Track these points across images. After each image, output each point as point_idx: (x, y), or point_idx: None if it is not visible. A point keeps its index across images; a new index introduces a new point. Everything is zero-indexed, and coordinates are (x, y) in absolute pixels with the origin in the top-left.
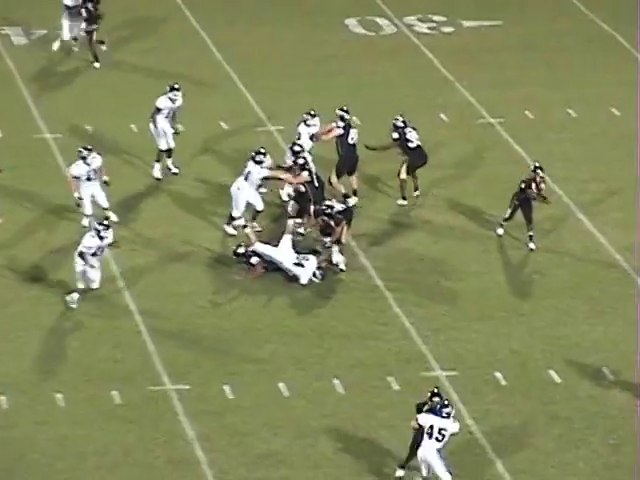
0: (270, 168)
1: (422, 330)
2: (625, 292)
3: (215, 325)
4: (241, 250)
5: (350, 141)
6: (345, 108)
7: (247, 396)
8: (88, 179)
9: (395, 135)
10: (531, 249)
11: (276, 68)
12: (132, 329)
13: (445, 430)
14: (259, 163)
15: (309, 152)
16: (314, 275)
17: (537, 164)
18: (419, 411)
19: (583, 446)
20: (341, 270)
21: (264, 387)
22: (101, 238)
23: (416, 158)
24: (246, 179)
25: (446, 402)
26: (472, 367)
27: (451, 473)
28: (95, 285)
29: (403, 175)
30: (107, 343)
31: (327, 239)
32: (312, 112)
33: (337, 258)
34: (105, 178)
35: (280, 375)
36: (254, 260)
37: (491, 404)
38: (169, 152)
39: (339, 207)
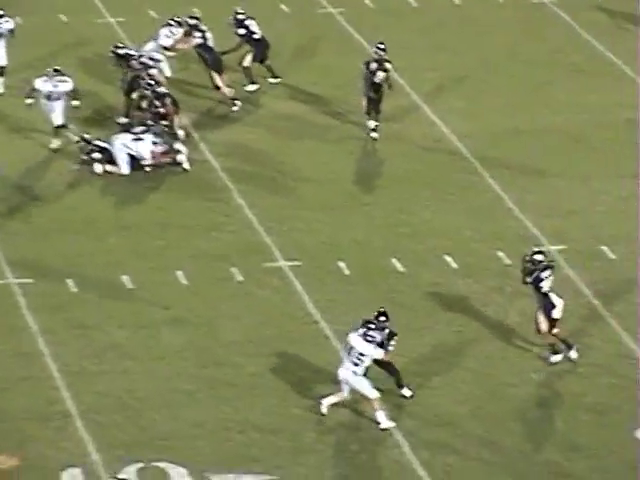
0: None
1: (265, 221)
2: (466, 179)
3: (57, 218)
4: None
5: (210, 44)
6: (197, 16)
7: (90, 289)
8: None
9: (241, 31)
10: (374, 138)
11: None
12: None
13: (364, 355)
14: None
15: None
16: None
17: (381, 45)
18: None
19: (427, 334)
20: (184, 169)
21: (107, 280)
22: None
23: (261, 48)
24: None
25: (380, 326)
26: (315, 257)
27: (381, 390)
28: None
29: (246, 63)
30: None
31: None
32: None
33: (181, 157)
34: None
35: (123, 267)
36: (96, 155)
37: (335, 294)
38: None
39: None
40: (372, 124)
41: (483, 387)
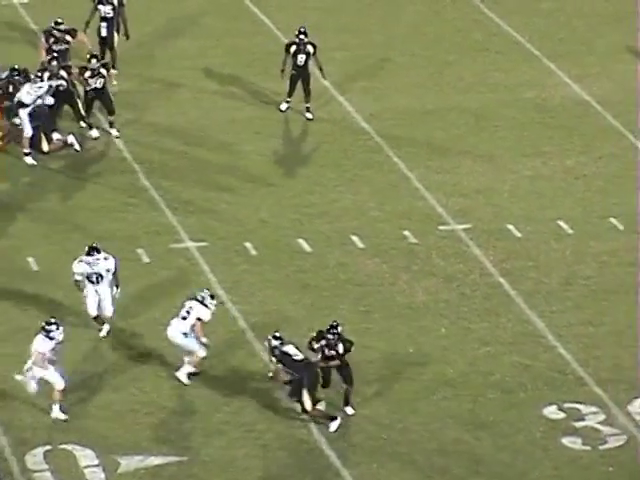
0: None
1: (171, 202)
2: (372, 159)
3: None
4: None
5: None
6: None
7: None
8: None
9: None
10: (309, 119)
11: None
12: None
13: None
14: None
15: None
16: None
17: (302, 29)
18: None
19: (333, 314)
20: (76, 150)
21: (13, 262)
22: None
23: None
24: None
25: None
26: (222, 238)
27: (207, 345)
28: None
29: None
30: None
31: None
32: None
33: (71, 138)
34: None
35: (29, 250)
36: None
37: (241, 274)
38: None
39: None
40: (285, 107)
41: (390, 367)
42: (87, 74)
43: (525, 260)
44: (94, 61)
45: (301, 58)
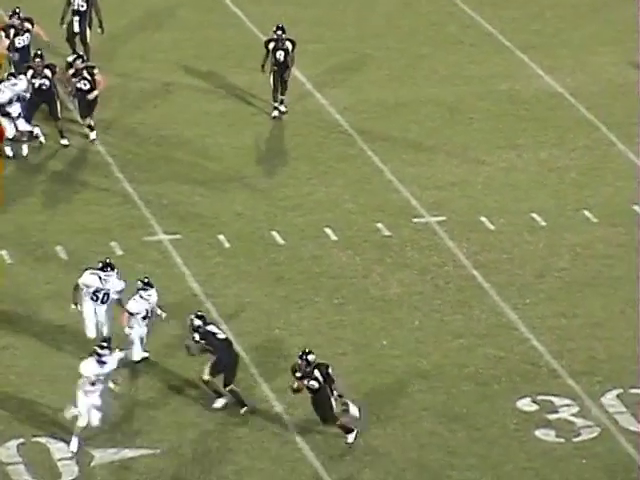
0: None
1: (144, 195)
2: (345, 152)
3: None
4: None
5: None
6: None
7: None
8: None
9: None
10: (282, 112)
11: None
12: None
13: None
14: None
15: None
16: None
17: (280, 25)
18: None
19: (307, 306)
20: (40, 143)
21: None
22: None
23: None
24: None
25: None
26: (195, 230)
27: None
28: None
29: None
30: None
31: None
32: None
33: (37, 130)
34: None
35: (2, 242)
36: None
37: (215, 267)
38: None
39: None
40: (276, 109)
41: (364, 359)
42: (70, 72)
43: (499, 252)
44: (79, 62)
45: (280, 54)
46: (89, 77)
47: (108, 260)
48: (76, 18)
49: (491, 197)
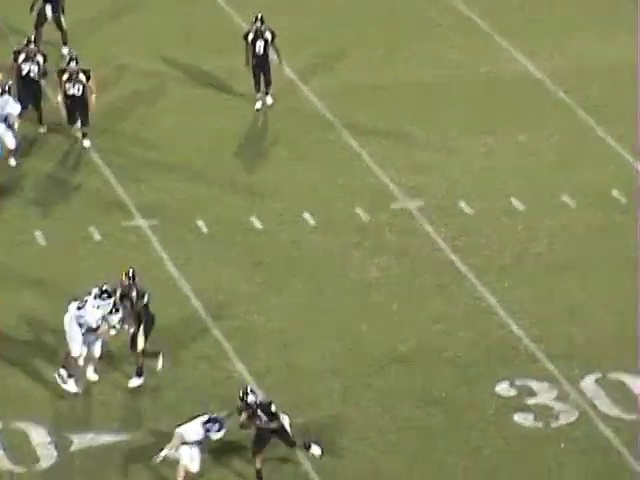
0: None
1: (122, 180)
2: (324, 136)
3: None
4: None
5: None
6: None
7: None
8: None
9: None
10: (268, 105)
11: None
12: None
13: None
14: None
15: None
16: None
17: (259, 16)
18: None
19: (285, 291)
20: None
21: None
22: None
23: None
24: None
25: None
26: (173, 215)
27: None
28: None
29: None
30: None
31: None
32: None
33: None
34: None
35: None
36: None
37: (193, 252)
38: None
39: None
40: (261, 101)
41: (343, 343)
42: (65, 77)
43: (477, 236)
44: (73, 64)
45: (259, 46)
46: (84, 81)
47: (104, 287)
48: (48, 6)
49: (469, 181)
